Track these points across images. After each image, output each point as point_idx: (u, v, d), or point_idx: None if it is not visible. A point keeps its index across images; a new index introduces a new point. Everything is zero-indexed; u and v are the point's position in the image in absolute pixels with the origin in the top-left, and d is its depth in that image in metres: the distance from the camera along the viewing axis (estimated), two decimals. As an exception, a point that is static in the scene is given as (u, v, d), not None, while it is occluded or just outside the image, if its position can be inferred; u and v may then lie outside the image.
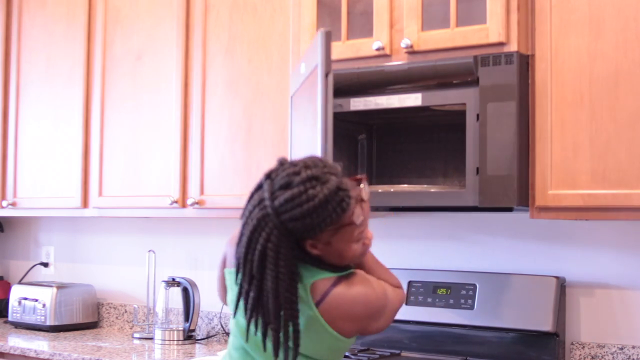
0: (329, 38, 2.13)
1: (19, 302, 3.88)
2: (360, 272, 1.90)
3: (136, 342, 3.54)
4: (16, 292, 3.93)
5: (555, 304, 2.68)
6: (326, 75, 2.13)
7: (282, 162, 1.83)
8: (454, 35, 2.59)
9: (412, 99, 2.65)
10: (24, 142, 3.87)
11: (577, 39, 2.44)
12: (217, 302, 3.50)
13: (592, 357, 2.71)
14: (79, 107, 3.65)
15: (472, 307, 2.81)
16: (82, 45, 3.65)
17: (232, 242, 1.93)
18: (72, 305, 3.83)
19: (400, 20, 2.69)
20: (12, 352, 3.40)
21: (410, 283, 2.96)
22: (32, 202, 3.83)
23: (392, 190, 2.72)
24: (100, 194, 3.56)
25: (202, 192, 3.22)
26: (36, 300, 3.81)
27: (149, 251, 3.68)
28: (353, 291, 1.84)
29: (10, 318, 3.93)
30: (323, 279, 1.82)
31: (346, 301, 1.83)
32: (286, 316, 1.75)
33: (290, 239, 1.76)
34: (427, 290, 2.92)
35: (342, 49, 2.79)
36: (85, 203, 3.61)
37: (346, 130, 3.00)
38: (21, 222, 4.38)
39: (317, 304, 1.81)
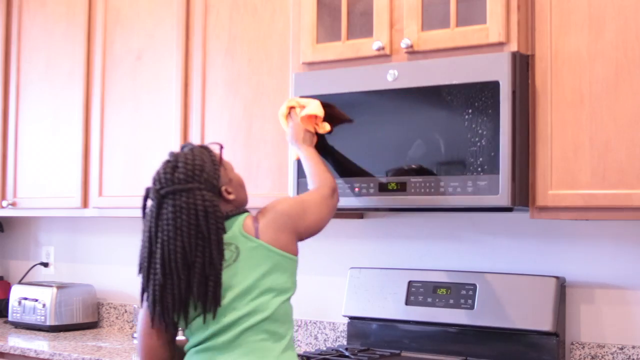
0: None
1: (19, 302, 3.88)
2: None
3: (136, 342, 3.53)
4: (16, 292, 3.93)
5: (555, 304, 2.68)
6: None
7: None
8: (454, 35, 2.59)
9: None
10: (24, 142, 3.87)
11: (577, 39, 2.44)
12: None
13: (592, 357, 2.71)
14: (79, 107, 3.65)
15: (472, 307, 2.81)
16: (82, 45, 3.65)
17: None
18: (72, 305, 3.83)
19: (400, 20, 2.69)
20: (12, 352, 3.40)
21: (410, 283, 2.96)
22: (32, 202, 3.83)
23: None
24: (100, 194, 3.56)
25: (202, 192, 3.22)
26: (36, 300, 3.81)
27: (149, 251, 3.67)
28: (270, 210, 2.24)
29: (10, 318, 3.93)
30: (245, 219, 2.21)
31: (272, 219, 2.21)
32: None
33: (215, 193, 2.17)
34: (427, 290, 2.92)
35: (342, 49, 2.79)
36: (85, 203, 3.61)
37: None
38: (21, 222, 4.38)
39: (256, 236, 2.18)
